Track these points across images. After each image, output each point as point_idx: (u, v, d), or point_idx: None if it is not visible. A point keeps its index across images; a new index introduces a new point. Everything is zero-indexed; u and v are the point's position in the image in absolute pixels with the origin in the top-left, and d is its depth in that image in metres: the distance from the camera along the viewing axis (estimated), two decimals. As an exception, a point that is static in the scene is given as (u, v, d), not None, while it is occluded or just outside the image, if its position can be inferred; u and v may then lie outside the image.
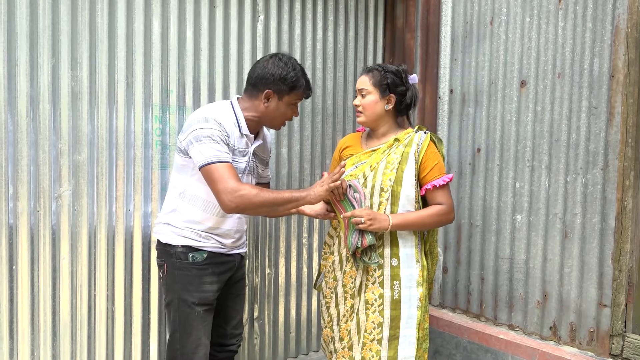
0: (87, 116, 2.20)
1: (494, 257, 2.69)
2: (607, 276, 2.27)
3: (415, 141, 2.04)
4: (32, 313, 2.14)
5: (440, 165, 2.05)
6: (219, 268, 1.99)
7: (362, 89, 2.06)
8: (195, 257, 1.94)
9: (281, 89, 1.95)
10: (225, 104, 2.01)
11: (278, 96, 1.97)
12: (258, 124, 2.03)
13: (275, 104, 1.98)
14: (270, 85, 1.94)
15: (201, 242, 1.96)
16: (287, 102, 1.99)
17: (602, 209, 2.28)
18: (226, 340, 2.18)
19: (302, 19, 2.80)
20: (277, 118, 2.02)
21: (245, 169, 2.00)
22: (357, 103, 2.08)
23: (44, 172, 2.12)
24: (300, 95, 2.02)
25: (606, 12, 2.24)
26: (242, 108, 2.00)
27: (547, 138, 2.45)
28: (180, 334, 1.96)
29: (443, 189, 2.04)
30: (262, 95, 1.96)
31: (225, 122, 1.90)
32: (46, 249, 2.15)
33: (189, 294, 1.93)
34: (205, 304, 1.96)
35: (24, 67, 2.06)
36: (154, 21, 2.33)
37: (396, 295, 2.00)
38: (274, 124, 2.06)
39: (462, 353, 2.72)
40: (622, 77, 2.20)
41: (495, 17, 2.67)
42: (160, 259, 2.01)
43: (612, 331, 2.26)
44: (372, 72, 2.07)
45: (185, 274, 1.94)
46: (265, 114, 1.99)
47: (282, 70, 1.94)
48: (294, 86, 1.96)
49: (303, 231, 2.91)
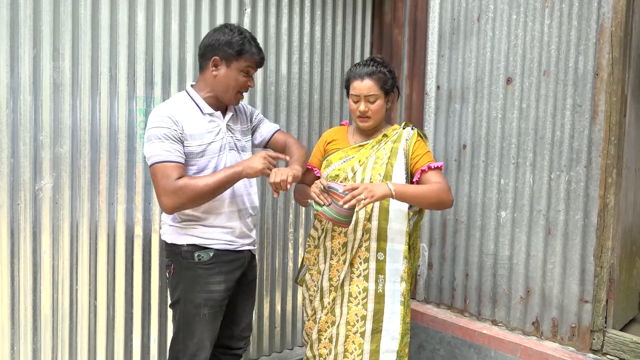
0: (69, 108, 2.16)
1: (479, 253, 2.70)
2: (588, 272, 2.30)
3: (404, 137, 2.06)
4: (12, 307, 2.11)
5: (430, 155, 2.07)
6: (227, 267, 1.94)
7: (371, 95, 1.99)
8: (201, 257, 1.90)
9: (228, 54, 1.86)
10: (180, 94, 1.97)
11: (226, 62, 1.88)
12: (217, 99, 1.95)
13: (225, 71, 1.88)
14: (217, 52, 1.86)
15: (206, 240, 1.91)
16: (237, 69, 1.89)
17: (584, 206, 2.30)
18: (233, 343, 2.13)
19: (290, 13, 2.78)
20: (230, 88, 1.91)
21: (223, 147, 1.93)
22: (364, 110, 2.00)
23: (25, 165, 2.09)
24: (251, 61, 1.90)
25: (591, 10, 2.26)
26: (198, 90, 1.94)
27: (532, 135, 2.47)
28: (183, 335, 1.92)
29: (438, 171, 2.03)
30: (210, 64, 1.88)
31: (179, 111, 1.85)
32: (27, 243, 2.12)
33: (194, 294, 1.90)
34: (212, 305, 1.91)
35: (4, 57, 2.02)
36: (139, 13, 2.30)
37: (380, 289, 2.01)
38: (228, 96, 1.93)
39: (446, 348, 2.74)
40: (606, 76, 2.22)
41: (482, 13, 2.68)
42: (168, 259, 1.98)
43: (593, 327, 2.29)
44: (376, 75, 2.00)
45: (191, 274, 1.91)
46: (215, 83, 1.90)
47: (226, 36, 1.86)
48: (241, 50, 1.86)
49: (289, 226, 2.90)
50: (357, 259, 2.03)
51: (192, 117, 1.88)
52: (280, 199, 2.83)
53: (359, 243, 2.02)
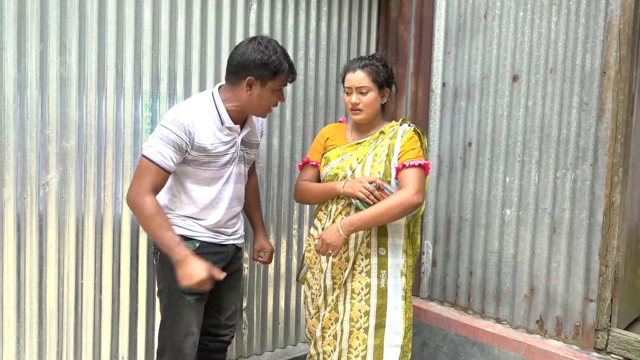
0: (75, 103, 2.17)
1: (483, 250, 2.70)
2: (593, 271, 2.29)
3: (400, 133, 2.04)
4: (18, 301, 2.12)
5: (417, 152, 2.00)
6: (211, 258, 1.96)
7: (362, 86, 1.99)
8: (187, 247, 1.91)
9: (264, 75, 1.84)
10: (205, 96, 1.95)
11: (261, 83, 1.86)
12: (242, 113, 1.95)
13: (259, 91, 1.87)
14: (252, 72, 1.83)
15: (193, 232, 1.95)
16: (271, 88, 1.89)
17: (590, 204, 2.29)
18: (219, 331, 2.17)
19: (296, 9, 2.77)
20: (262, 106, 1.93)
21: (233, 160, 1.96)
22: (355, 102, 2.00)
23: (31, 159, 2.09)
24: (285, 80, 1.91)
25: (599, 8, 2.24)
26: (224, 99, 1.92)
27: (537, 133, 2.46)
28: (170, 322, 1.96)
29: (412, 170, 1.95)
30: (244, 83, 1.86)
31: (197, 120, 1.84)
32: (33, 237, 2.13)
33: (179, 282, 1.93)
34: (196, 292, 1.94)
35: (12, 52, 2.03)
36: (145, 8, 2.30)
37: (383, 284, 2.01)
38: (259, 112, 1.97)
39: (450, 345, 2.74)
40: (613, 74, 2.20)
41: (489, 10, 2.66)
42: (155, 248, 2.00)
43: (598, 325, 2.29)
44: (369, 68, 2.00)
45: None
46: (248, 102, 1.90)
47: (262, 55, 1.81)
48: (277, 71, 1.84)
49: (293, 222, 2.90)
50: (359, 255, 2.03)
51: (210, 126, 1.88)
52: (285, 194, 2.83)
53: (361, 240, 2.02)
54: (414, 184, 1.93)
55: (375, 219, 1.91)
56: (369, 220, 1.91)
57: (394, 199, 1.91)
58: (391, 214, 1.90)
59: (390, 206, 1.90)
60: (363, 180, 1.93)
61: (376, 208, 1.90)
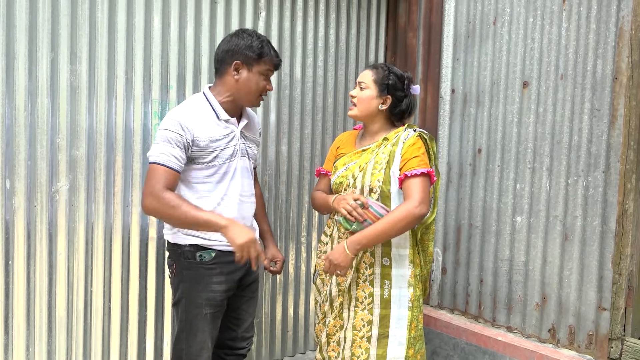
0: (85, 111, 2.18)
1: (493, 258, 2.67)
2: (606, 279, 2.26)
3: (402, 139, 2.00)
4: (28, 308, 2.13)
5: (420, 159, 1.95)
6: (228, 267, 1.94)
7: (362, 82, 2.05)
8: (203, 257, 1.91)
9: (249, 58, 1.89)
10: (197, 96, 1.97)
11: (247, 66, 1.90)
12: (234, 103, 1.96)
13: (246, 75, 1.91)
14: (237, 56, 1.89)
15: (208, 240, 1.92)
16: (258, 72, 1.92)
17: (602, 211, 2.27)
18: (236, 343, 2.13)
19: (304, 17, 2.78)
20: (252, 91, 1.94)
21: (235, 153, 1.94)
22: (353, 94, 2.07)
23: (42, 167, 2.11)
24: (270, 64, 1.94)
25: (610, 13, 2.23)
26: (215, 93, 1.94)
27: (548, 140, 2.44)
28: (186, 335, 1.93)
29: (415, 180, 1.91)
30: (231, 68, 1.90)
31: (192, 117, 1.85)
32: (43, 245, 2.13)
33: (196, 294, 1.90)
34: (213, 305, 1.92)
35: (23, 61, 2.05)
36: (155, 16, 2.31)
37: (386, 294, 1.99)
38: (250, 99, 1.96)
39: (460, 354, 2.71)
40: (625, 80, 2.18)
41: (498, 17, 2.65)
42: (170, 259, 1.98)
43: (611, 335, 2.25)
44: (377, 69, 2.05)
45: (193, 273, 1.91)
46: (237, 89, 1.92)
47: (245, 40, 1.89)
48: (261, 53, 1.90)
49: (302, 230, 2.89)
50: (363, 264, 2.02)
51: (207, 121, 1.89)
52: (294, 201, 2.83)
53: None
54: (417, 195, 1.90)
55: (380, 236, 1.91)
56: (374, 237, 1.91)
57: (396, 213, 1.89)
58: (396, 228, 1.89)
59: (394, 221, 1.88)
60: (347, 197, 1.94)
61: (380, 224, 1.89)
